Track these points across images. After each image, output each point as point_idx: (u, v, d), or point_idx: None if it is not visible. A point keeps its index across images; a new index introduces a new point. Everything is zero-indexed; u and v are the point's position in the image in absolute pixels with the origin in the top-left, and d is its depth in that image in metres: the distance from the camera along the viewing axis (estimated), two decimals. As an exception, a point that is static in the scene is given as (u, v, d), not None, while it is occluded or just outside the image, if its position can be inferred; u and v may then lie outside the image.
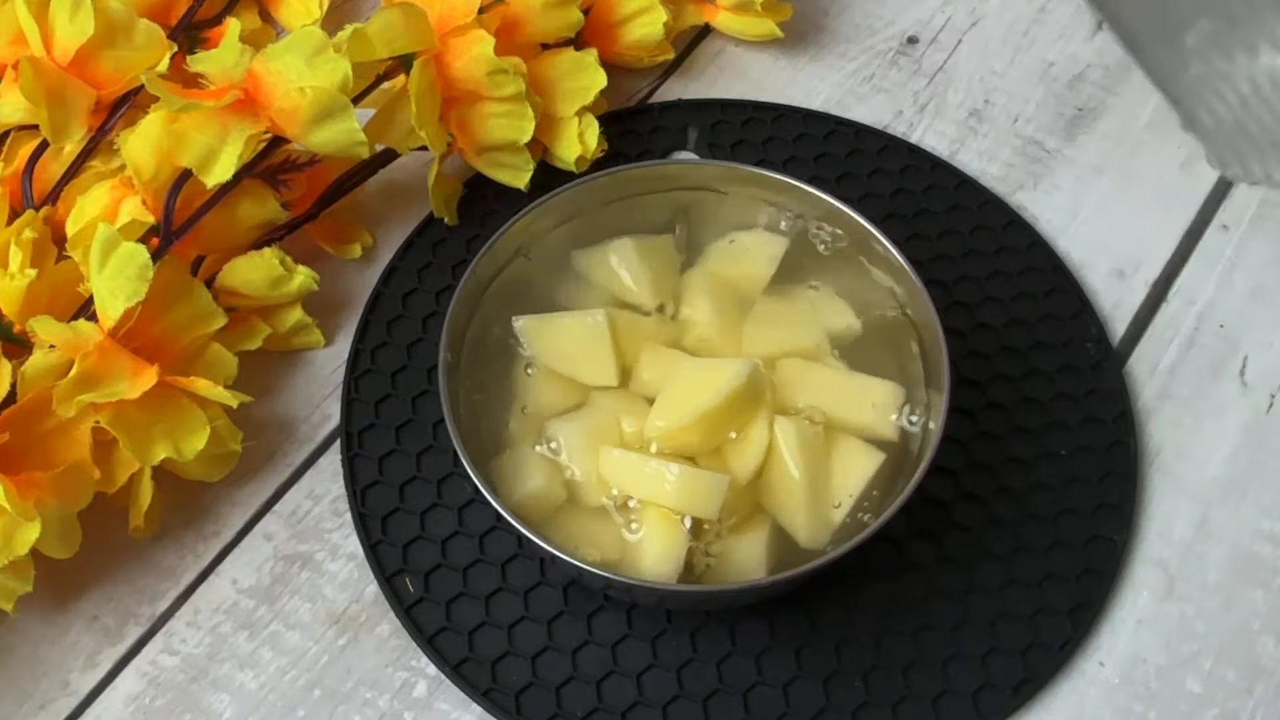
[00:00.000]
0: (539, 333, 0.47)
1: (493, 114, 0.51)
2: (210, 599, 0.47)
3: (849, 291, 0.48)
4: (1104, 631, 0.46)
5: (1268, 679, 0.45)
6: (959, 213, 0.55)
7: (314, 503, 0.49)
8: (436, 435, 0.49)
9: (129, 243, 0.42)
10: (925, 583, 0.46)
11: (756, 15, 0.59)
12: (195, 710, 0.45)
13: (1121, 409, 0.50)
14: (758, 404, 0.43)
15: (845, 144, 0.57)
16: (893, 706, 0.44)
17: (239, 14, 0.57)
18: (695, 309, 0.47)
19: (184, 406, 0.44)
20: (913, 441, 0.44)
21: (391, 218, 0.55)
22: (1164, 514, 0.48)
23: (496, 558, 0.47)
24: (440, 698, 0.45)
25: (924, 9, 0.63)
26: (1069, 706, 0.44)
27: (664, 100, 0.59)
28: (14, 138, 0.51)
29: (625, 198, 0.49)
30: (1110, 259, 0.54)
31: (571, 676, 0.44)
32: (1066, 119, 0.59)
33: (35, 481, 0.41)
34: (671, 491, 0.42)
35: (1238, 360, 0.52)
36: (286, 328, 0.51)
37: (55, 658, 0.46)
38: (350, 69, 0.46)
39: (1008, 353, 0.51)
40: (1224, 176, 0.55)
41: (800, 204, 0.49)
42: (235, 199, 0.48)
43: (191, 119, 0.45)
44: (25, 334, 0.43)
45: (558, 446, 0.44)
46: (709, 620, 0.45)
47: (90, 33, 0.48)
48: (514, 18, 0.52)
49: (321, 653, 0.46)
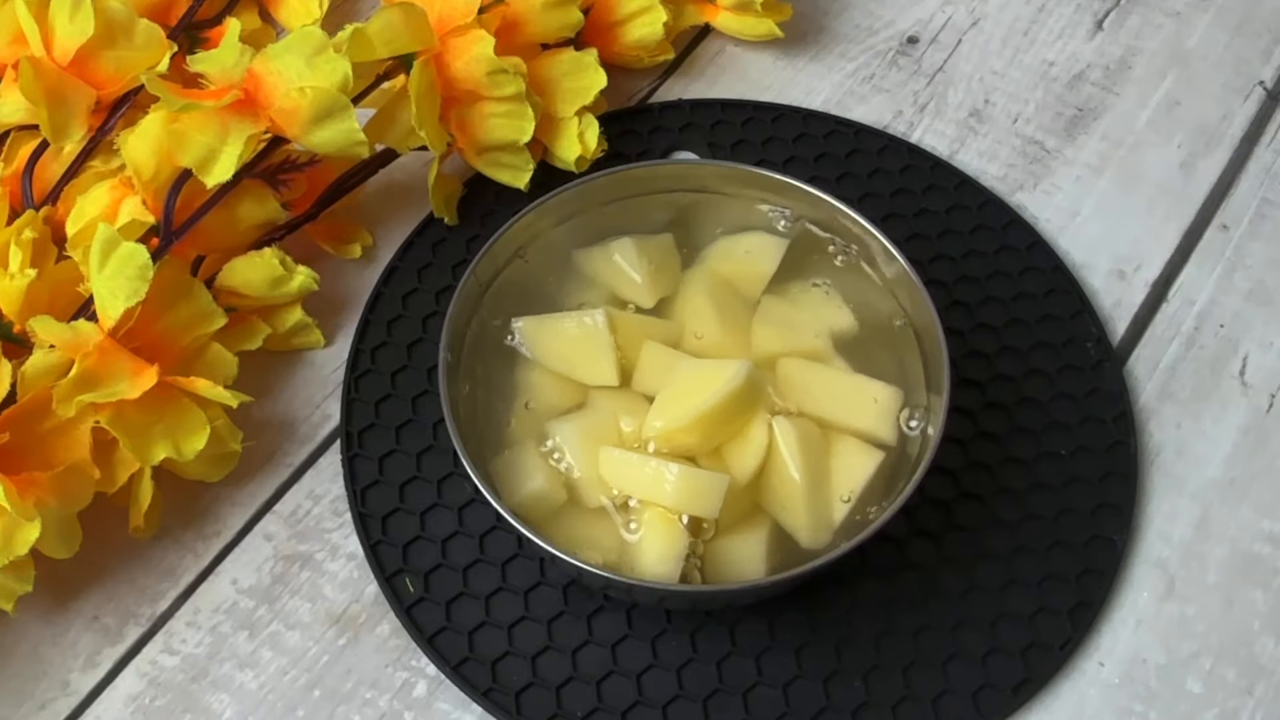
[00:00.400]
0: (539, 333, 0.47)
1: (493, 114, 0.51)
2: (210, 599, 0.47)
3: (849, 291, 0.48)
4: (1104, 631, 0.46)
5: (1268, 679, 0.45)
6: (959, 213, 0.55)
7: (314, 503, 0.49)
8: (436, 435, 0.49)
9: (129, 243, 0.42)
10: (925, 583, 0.46)
11: (756, 15, 0.59)
12: (195, 710, 0.45)
13: (1121, 409, 0.50)
14: (756, 404, 0.43)
15: (845, 144, 0.57)
16: (893, 706, 0.44)
17: (239, 14, 0.57)
18: (695, 309, 0.47)
19: (184, 406, 0.44)
20: (913, 442, 0.44)
21: (391, 218, 0.55)
22: (1164, 514, 0.48)
23: (496, 558, 0.47)
24: (440, 698, 0.45)
25: (924, 9, 0.63)
26: (1069, 706, 0.44)
27: (664, 100, 0.59)
28: (14, 138, 0.51)
29: (625, 198, 0.49)
30: (1110, 259, 0.54)
31: (571, 676, 0.44)
32: (1066, 119, 0.59)
33: (35, 481, 0.41)
34: (671, 491, 0.42)
35: (1238, 360, 0.52)
36: (286, 328, 0.51)
37: (55, 658, 0.46)
38: (350, 69, 0.46)
39: (1008, 353, 0.51)
40: (1224, 176, 0.55)
41: (800, 204, 0.49)
42: (235, 199, 0.48)
43: (191, 119, 0.45)
44: (25, 334, 0.43)
45: (558, 446, 0.44)
46: (709, 620, 0.45)
47: (90, 33, 0.48)
48: (514, 18, 0.52)
49: (321, 653, 0.46)
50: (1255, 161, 0.57)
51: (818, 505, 0.43)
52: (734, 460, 0.43)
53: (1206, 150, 0.58)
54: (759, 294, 0.48)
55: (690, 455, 0.43)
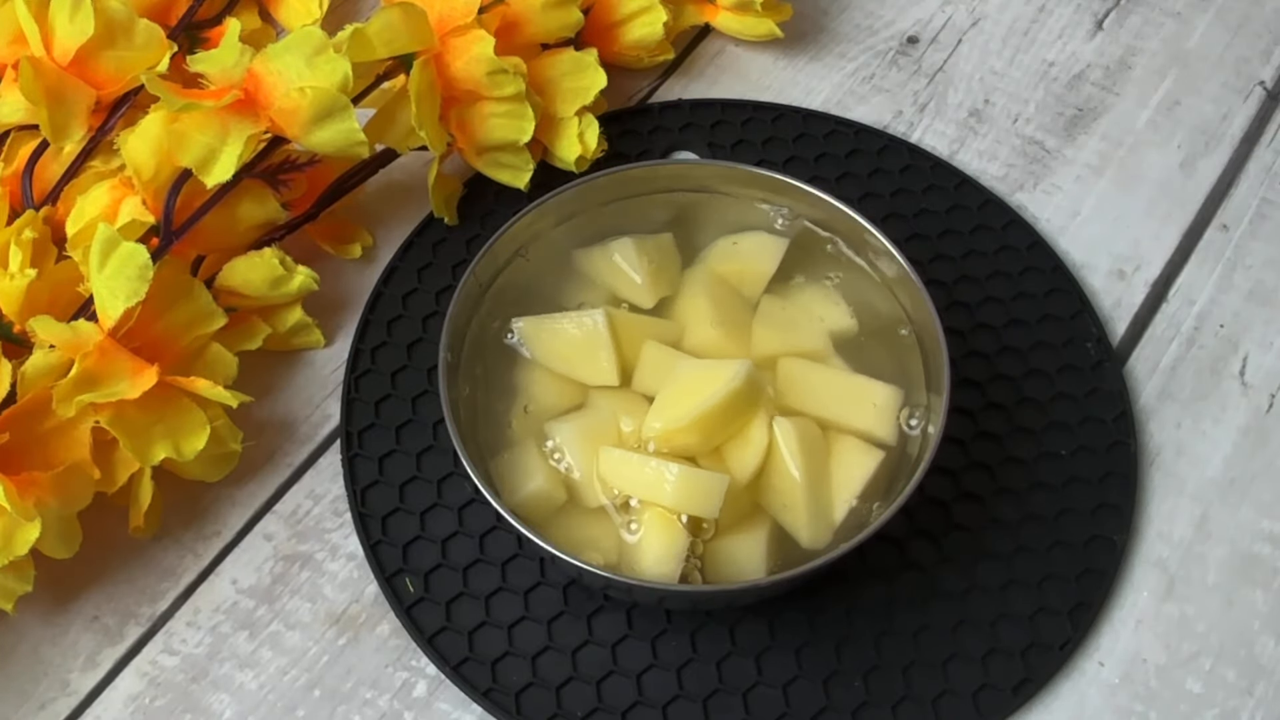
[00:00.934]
0: (539, 333, 0.47)
1: (493, 114, 0.51)
2: (210, 599, 0.47)
3: (849, 291, 0.48)
4: (1104, 631, 0.46)
5: (1268, 679, 0.45)
6: (959, 213, 0.55)
7: (314, 503, 0.49)
8: (436, 435, 0.49)
9: (129, 243, 0.42)
10: (925, 583, 0.46)
11: (756, 15, 0.59)
12: (195, 710, 0.45)
13: (1121, 409, 0.50)
14: (756, 405, 0.43)
15: (845, 144, 0.57)
16: (893, 706, 0.44)
17: (239, 14, 0.57)
18: (695, 309, 0.47)
19: (184, 406, 0.44)
20: (913, 442, 0.44)
21: (391, 218, 0.55)
22: (1164, 514, 0.48)
23: (496, 558, 0.47)
24: (440, 698, 0.45)
25: (924, 9, 0.63)
26: (1069, 706, 0.44)
27: (664, 100, 0.59)
28: (14, 138, 0.51)
29: (625, 198, 0.49)
30: (1110, 259, 0.54)
31: (571, 676, 0.44)
32: (1066, 119, 0.59)
33: (35, 481, 0.41)
34: (671, 491, 0.42)
35: (1238, 360, 0.52)
36: (286, 328, 0.51)
37: (55, 658, 0.46)
38: (350, 69, 0.46)
39: (1008, 353, 0.51)
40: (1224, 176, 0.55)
41: (800, 204, 0.49)
42: (235, 199, 0.48)
43: (191, 119, 0.45)
44: (25, 334, 0.43)
45: (558, 446, 0.44)
46: (709, 620, 0.45)
47: (90, 33, 0.48)
48: (514, 18, 0.52)
49: (321, 653, 0.46)
50: (1255, 161, 0.57)
51: (818, 505, 0.43)
52: (734, 460, 0.43)
53: (1206, 150, 0.58)
54: (759, 294, 0.48)
55: (690, 455, 0.43)
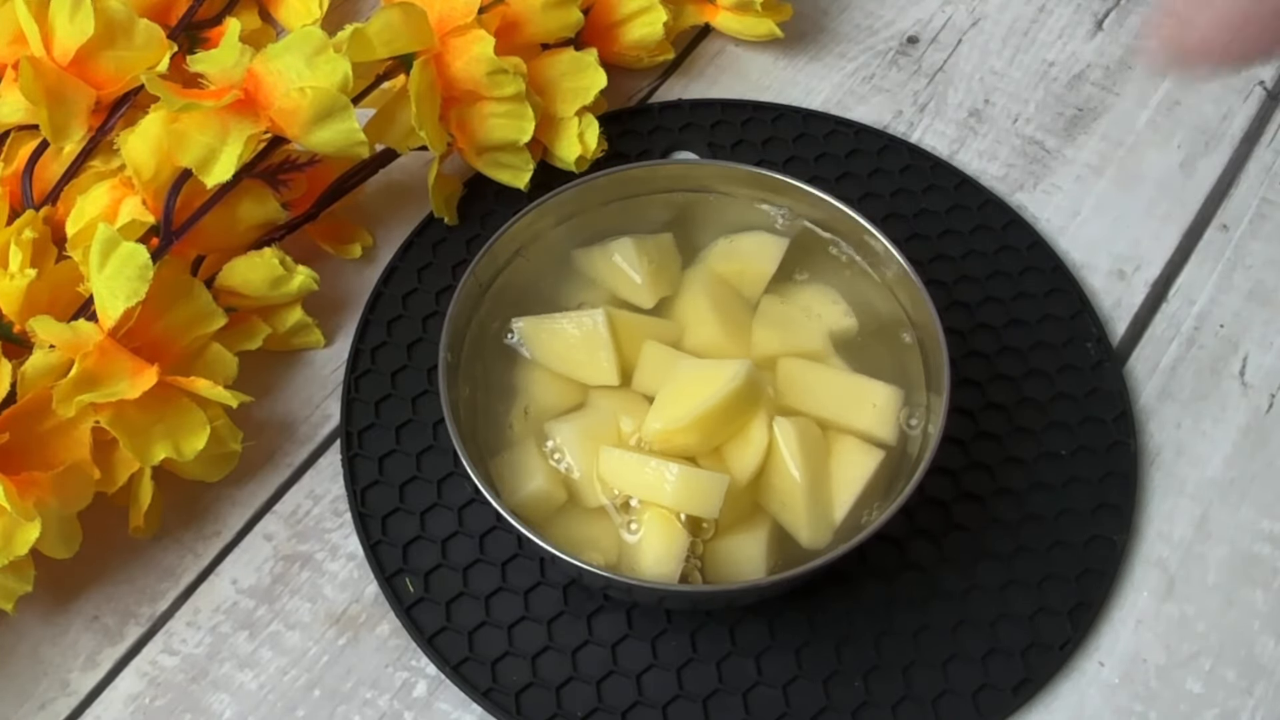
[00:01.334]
0: (539, 333, 0.47)
1: (493, 114, 0.51)
2: (210, 599, 0.47)
3: (849, 291, 0.48)
4: (1104, 631, 0.46)
5: (1268, 679, 0.45)
6: (959, 213, 0.55)
7: (314, 503, 0.49)
8: (436, 435, 0.49)
9: (129, 243, 0.42)
10: (925, 583, 0.46)
11: (756, 15, 0.59)
12: (195, 710, 0.45)
13: (1121, 409, 0.50)
14: (755, 405, 0.43)
15: (845, 144, 0.57)
16: (893, 706, 0.44)
17: (239, 14, 0.57)
18: (695, 309, 0.47)
19: (184, 406, 0.44)
20: (913, 442, 0.44)
21: (391, 218, 0.55)
22: (1164, 514, 0.48)
23: (496, 558, 0.47)
24: (440, 698, 0.45)
25: (924, 9, 0.63)
26: (1069, 706, 0.44)
27: (664, 100, 0.59)
28: (14, 138, 0.51)
29: (625, 198, 0.49)
30: (1110, 259, 0.54)
31: (571, 676, 0.44)
32: (1066, 119, 0.59)
33: (35, 481, 0.41)
34: (671, 491, 0.42)
35: (1238, 360, 0.52)
36: (286, 328, 0.51)
37: (55, 658, 0.46)
38: (350, 69, 0.46)
39: (1008, 353, 0.51)
40: (1224, 176, 0.55)
41: (800, 204, 0.49)
42: (235, 199, 0.48)
43: (191, 119, 0.45)
44: (25, 334, 0.43)
45: (558, 447, 0.44)
46: (709, 620, 0.45)
47: (90, 33, 0.48)
48: (514, 18, 0.52)
49: (321, 653, 0.46)
50: (1255, 161, 0.57)
51: (818, 505, 0.43)
52: (734, 460, 0.43)
53: (1206, 150, 0.57)
54: (759, 294, 0.48)
55: (690, 455, 0.43)
